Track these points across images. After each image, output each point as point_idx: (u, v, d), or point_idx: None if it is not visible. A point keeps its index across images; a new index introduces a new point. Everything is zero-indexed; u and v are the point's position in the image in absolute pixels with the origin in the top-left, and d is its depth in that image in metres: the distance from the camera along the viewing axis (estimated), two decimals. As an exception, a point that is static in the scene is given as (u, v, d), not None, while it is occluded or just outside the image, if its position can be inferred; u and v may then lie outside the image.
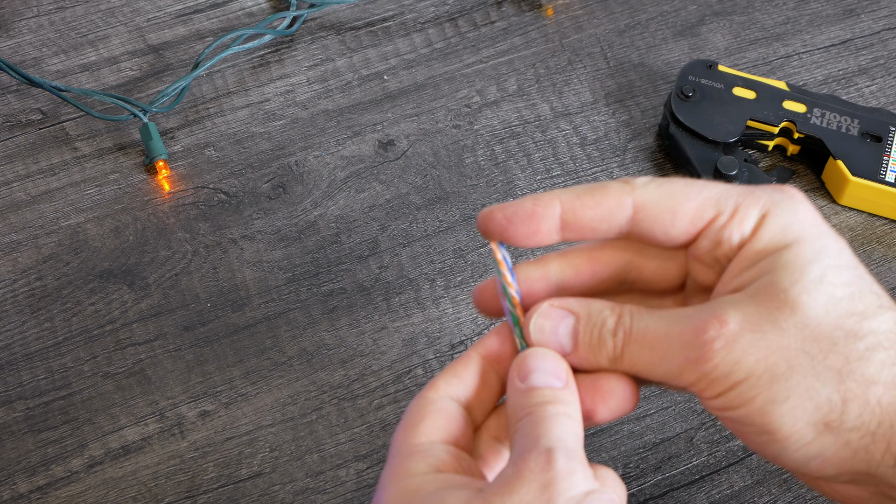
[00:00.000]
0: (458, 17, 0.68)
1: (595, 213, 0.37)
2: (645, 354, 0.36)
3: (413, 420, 0.38)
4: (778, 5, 0.69)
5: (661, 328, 0.36)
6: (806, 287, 0.35)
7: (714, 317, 0.35)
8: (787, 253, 0.36)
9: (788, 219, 0.37)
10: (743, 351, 0.34)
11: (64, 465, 0.53)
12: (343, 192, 0.61)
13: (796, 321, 0.34)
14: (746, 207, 0.37)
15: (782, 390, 0.34)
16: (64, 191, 0.61)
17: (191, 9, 0.68)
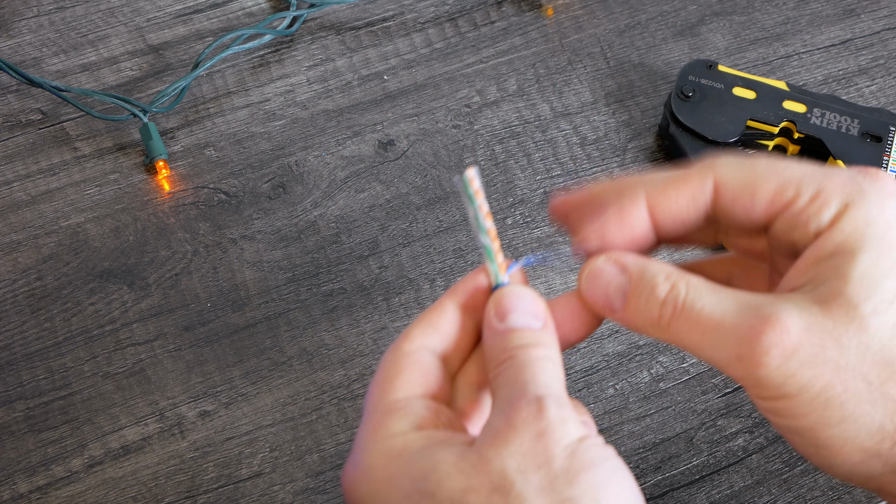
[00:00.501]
0: (458, 17, 0.68)
1: (679, 202, 0.36)
2: (694, 336, 0.34)
3: (389, 374, 0.37)
4: (778, 5, 0.69)
5: (715, 313, 0.34)
6: (877, 307, 0.33)
7: (775, 320, 0.33)
8: (864, 259, 0.33)
9: (871, 215, 0.34)
10: (800, 365, 0.33)
11: (64, 465, 0.53)
12: (343, 192, 0.61)
13: (860, 342, 0.33)
14: (828, 194, 0.34)
15: (836, 414, 0.33)
16: (64, 191, 0.61)
17: (191, 9, 0.68)
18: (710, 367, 0.56)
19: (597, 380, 0.56)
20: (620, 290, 0.36)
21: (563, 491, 0.32)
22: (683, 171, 0.36)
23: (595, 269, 0.37)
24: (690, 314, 0.34)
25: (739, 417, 0.55)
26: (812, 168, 0.35)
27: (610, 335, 0.57)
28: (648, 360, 0.56)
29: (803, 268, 0.35)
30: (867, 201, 0.34)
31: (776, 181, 0.35)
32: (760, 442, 0.54)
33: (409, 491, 0.33)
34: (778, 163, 0.36)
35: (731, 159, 0.36)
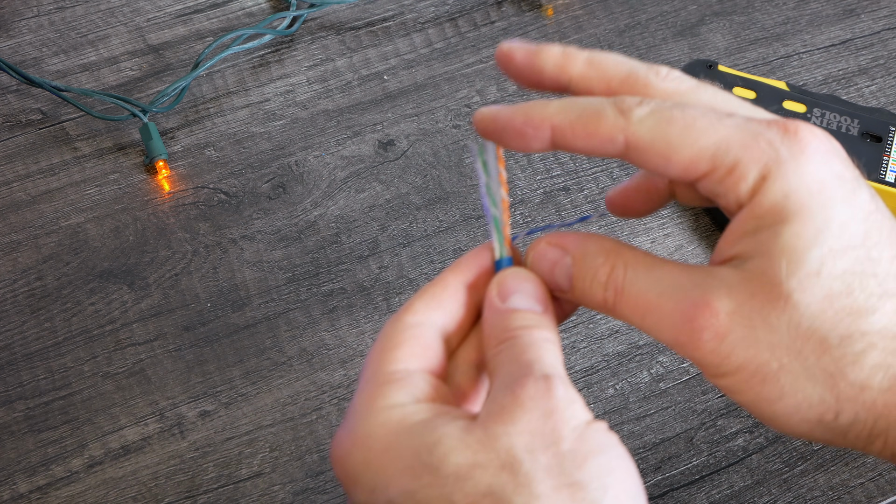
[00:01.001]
0: (458, 17, 0.68)
1: (585, 144, 0.35)
2: (636, 317, 0.35)
3: (390, 344, 0.36)
4: (778, 5, 0.69)
5: (652, 297, 0.34)
6: (801, 282, 0.33)
7: (705, 304, 0.33)
8: (787, 231, 0.33)
9: (791, 183, 0.33)
10: (732, 346, 0.33)
11: (64, 465, 0.53)
12: (343, 192, 0.61)
13: (789, 319, 0.33)
14: (744, 166, 0.33)
15: (774, 390, 0.34)
16: (64, 191, 0.61)
17: (191, 9, 0.68)
18: (710, 367, 0.56)
19: (597, 380, 0.56)
20: (565, 271, 0.36)
21: (571, 473, 0.32)
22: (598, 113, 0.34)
23: (538, 252, 0.37)
24: (630, 297, 0.35)
25: (739, 417, 0.55)
26: (731, 131, 0.34)
27: (610, 335, 0.57)
28: (648, 360, 0.56)
29: (731, 239, 0.34)
30: (785, 170, 0.33)
31: (692, 150, 0.34)
32: (760, 442, 0.54)
33: (410, 463, 0.33)
34: (697, 122, 0.34)
35: (649, 112, 0.34)
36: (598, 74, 0.37)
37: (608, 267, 0.35)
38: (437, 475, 0.32)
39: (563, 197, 0.61)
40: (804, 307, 0.33)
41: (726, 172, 0.34)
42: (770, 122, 0.34)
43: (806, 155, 0.34)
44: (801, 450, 0.54)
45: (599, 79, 0.37)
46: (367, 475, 0.34)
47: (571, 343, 0.57)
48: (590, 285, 0.36)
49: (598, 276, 0.35)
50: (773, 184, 0.33)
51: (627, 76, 0.37)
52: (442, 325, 0.37)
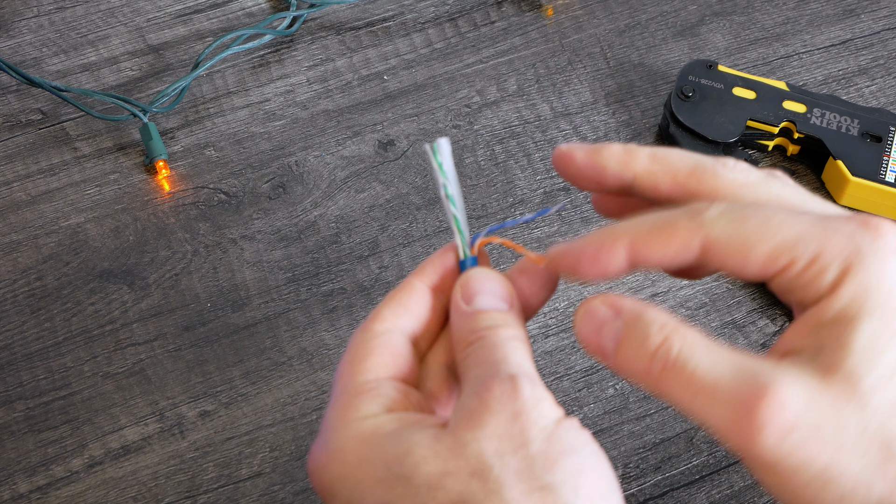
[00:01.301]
0: (458, 17, 0.68)
1: (662, 255, 0.34)
2: (685, 396, 0.32)
3: (359, 355, 0.36)
4: (778, 5, 0.69)
5: (709, 376, 0.32)
6: (876, 382, 0.31)
7: (773, 392, 0.31)
8: (865, 329, 0.32)
9: (872, 280, 0.32)
10: (798, 444, 0.31)
11: (64, 465, 0.53)
12: (343, 192, 0.61)
13: (860, 420, 0.31)
14: (826, 259, 0.32)
15: (833, 496, 0.32)
16: (64, 191, 0.61)
17: (191, 9, 0.68)
18: (710, 367, 0.56)
19: (597, 380, 0.56)
20: (613, 334, 0.34)
21: (542, 476, 0.32)
22: (670, 222, 0.34)
23: (590, 308, 0.35)
24: (682, 372, 0.32)
25: (739, 417, 0.55)
26: (808, 225, 0.33)
27: (610, 335, 0.57)
28: (648, 360, 0.56)
29: (803, 331, 0.33)
30: (867, 265, 0.32)
31: (770, 244, 0.33)
32: (760, 442, 0.54)
33: (382, 475, 0.33)
34: (773, 218, 0.33)
35: (722, 213, 0.33)
36: (664, 169, 0.36)
37: (662, 336, 0.33)
38: (409, 486, 0.32)
39: (564, 197, 0.61)
40: (876, 408, 0.31)
41: (807, 266, 0.32)
42: (848, 217, 0.33)
43: (887, 250, 0.33)
44: (801, 450, 0.54)
45: (665, 173, 0.36)
46: (343, 489, 0.34)
47: (571, 343, 0.57)
48: (636, 352, 0.33)
49: (647, 343, 0.33)
50: (855, 277, 0.32)
51: (694, 169, 0.36)
52: (410, 330, 0.37)
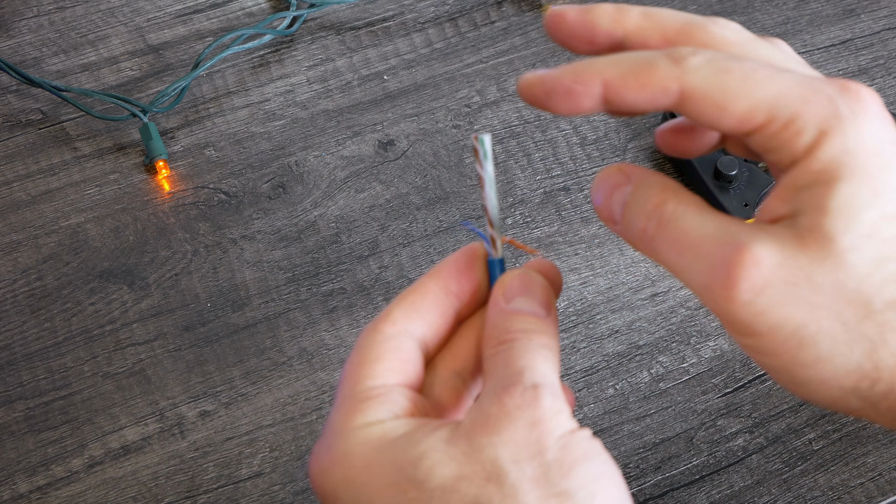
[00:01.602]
0: (458, 17, 0.68)
1: (637, 96, 0.33)
2: (672, 254, 0.33)
3: (368, 358, 0.35)
4: (778, 5, 0.69)
5: (693, 234, 0.33)
6: (854, 241, 0.31)
7: (747, 251, 0.31)
8: (842, 190, 0.31)
9: (849, 143, 0.32)
10: (770, 303, 0.31)
11: (64, 465, 0.53)
12: (343, 192, 0.61)
13: (835, 279, 0.31)
14: (803, 121, 0.32)
15: (810, 355, 0.32)
16: (64, 191, 0.61)
17: (191, 9, 0.68)
18: (710, 366, 0.56)
19: (597, 380, 0.56)
20: (622, 198, 0.35)
21: (558, 483, 0.32)
22: (651, 63, 0.33)
23: (605, 175, 0.35)
24: (671, 231, 0.33)
25: (739, 417, 0.55)
26: (790, 84, 0.32)
27: (610, 335, 0.57)
28: (648, 360, 0.56)
29: (782, 196, 0.33)
30: (845, 128, 0.32)
31: (749, 100, 0.32)
32: (760, 442, 0.54)
33: (394, 478, 0.33)
34: (756, 73, 0.32)
35: (705, 61, 0.33)
36: (654, 25, 0.36)
37: (659, 199, 0.34)
38: (422, 489, 0.32)
39: (563, 197, 0.61)
40: (852, 267, 0.31)
41: (783, 126, 0.32)
42: (830, 79, 0.33)
43: (866, 115, 0.32)
44: (801, 450, 0.54)
45: (655, 29, 0.35)
46: (348, 493, 0.33)
47: (571, 343, 0.57)
48: (638, 212, 0.34)
49: (646, 205, 0.34)
50: (832, 140, 0.32)
51: (684, 26, 0.35)
52: (421, 334, 0.36)
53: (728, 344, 0.57)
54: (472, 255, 0.38)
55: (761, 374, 0.56)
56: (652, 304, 0.58)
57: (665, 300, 0.58)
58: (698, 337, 0.57)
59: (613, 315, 0.58)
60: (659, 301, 0.58)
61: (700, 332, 0.57)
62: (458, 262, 0.37)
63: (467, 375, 0.37)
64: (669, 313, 0.57)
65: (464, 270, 0.37)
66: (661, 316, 0.57)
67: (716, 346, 0.56)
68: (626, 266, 0.59)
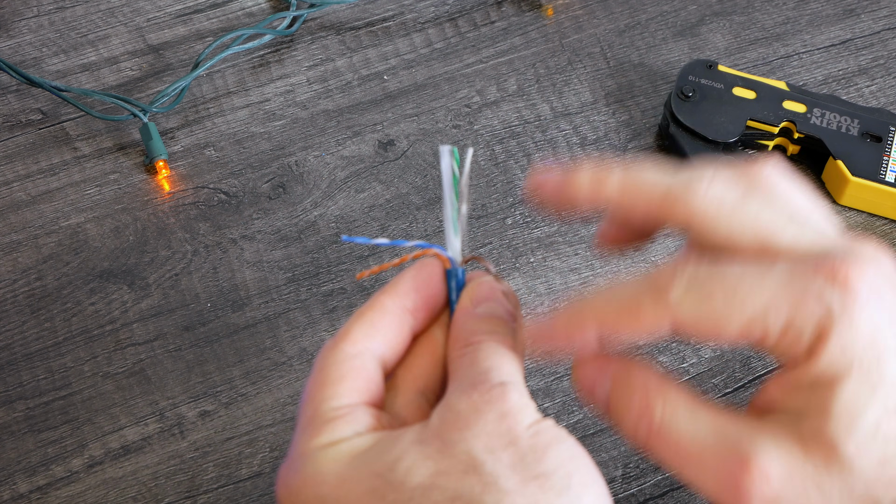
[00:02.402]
0: (458, 17, 0.68)
1: (633, 336, 0.34)
2: (673, 460, 0.33)
3: (329, 378, 0.35)
4: (778, 5, 0.69)
5: (693, 443, 0.33)
6: (859, 445, 0.31)
7: (755, 465, 0.31)
8: (843, 391, 0.32)
9: (846, 341, 0.32)
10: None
11: (64, 465, 0.53)
12: (343, 192, 0.61)
13: (843, 485, 0.31)
14: (798, 328, 0.32)
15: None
16: (64, 191, 0.61)
17: (191, 9, 0.68)
18: (710, 366, 0.56)
19: (597, 380, 0.56)
20: (604, 393, 0.35)
21: (535, 466, 0.32)
22: (636, 302, 0.33)
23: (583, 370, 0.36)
24: (667, 438, 0.33)
25: (739, 417, 0.55)
26: (776, 289, 0.32)
27: (610, 335, 0.57)
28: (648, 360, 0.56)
29: (783, 389, 0.33)
30: (840, 327, 0.32)
31: (739, 320, 0.32)
32: (760, 442, 0.54)
33: (371, 485, 0.32)
34: (739, 288, 0.32)
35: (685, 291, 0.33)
36: (634, 198, 0.36)
37: (644, 402, 0.34)
38: (401, 491, 0.32)
39: (563, 197, 0.61)
40: (859, 472, 0.31)
41: (780, 336, 0.32)
42: (816, 269, 0.32)
43: (858, 305, 0.32)
44: (801, 450, 0.54)
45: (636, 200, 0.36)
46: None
47: (571, 343, 0.57)
48: (623, 415, 0.34)
49: (630, 410, 0.34)
50: (830, 342, 0.32)
51: (666, 196, 0.35)
52: (381, 353, 0.36)
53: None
54: (431, 271, 0.38)
55: (761, 374, 0.56)
56: (652, 304, 0.58)
57: (665, 300, 0.58)
58: (698, 337, 0.57)
59: (613, 315, 0.58)
60: (659, 301, 0.58)
61: (700, 332, 0.57)
62: (415, 279, 0.37)
63: (430, 394, 0.37)
64: (669, 313, 0.57)
65: (421, 287, 0.37)
66: (661, 316, 0.57)
67: (716, 346, 0.56)
68: (626, 266, 0.59)
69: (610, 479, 0.53)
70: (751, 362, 0.56)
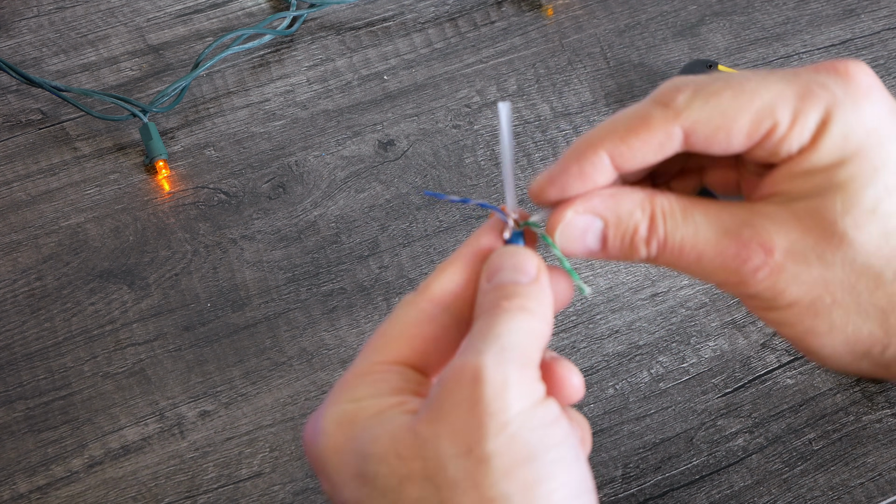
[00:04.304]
0: (458, 17, 0.68)
1: (646, 152, 0.34)
2: (682, 265, 0.34)
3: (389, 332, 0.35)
4: (778, 5, 0.69)
5: (699, 244, 0.34)
6: (857, 220, 0.33)
7: (759, 243, 0.33)
8: (843, 172, 0.33)
9: (851, 123, 0.33)
10: (787, 283, 0.33)
11: (64, 465, 0.53)
12: (343, 192, 0.61)
13: (843, 256, 0.33)
14: (806, 115, 0.33)
15: (824, 324, 0.34)
16: (64, 191, 0.61)
17: (191, 9, 0.68)
18: (710, 366, 0.56)
19: (597, 380, 0.56)
20: (596, 235, 0.35)
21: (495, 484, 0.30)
22: (644, 117, 0.34)
23: (567, 223, 0.35)
24: (675, 249, 0.34)
25: (739, 417, 0.55)
26: (782, 85, 0.33)
27: (610, 335, 0.57)
28: (648, 360, 0.56)
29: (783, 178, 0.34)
30: (844, 111, 0.33)
31: (750, 113, 0.33)
32: (760, 442, 0.54)
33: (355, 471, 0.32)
34: (745, 86, 0.33)
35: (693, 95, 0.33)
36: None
37: (647, 220, 0.34)
38: (374, 487, 0.32)
39: (563, 197, 0.61)
40: (859, 245, 0.33)
41: (790, 125, 0.33)
42: (817, 67, 0.34)
43: (861, 93, 0.33)
44: (801, 450, 0.54)
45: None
46: (325, 470, 0.34)
47: (571, 343, 0.57)
48: (629, 243, 0.35)
49: (638, 234, 0.34)
50: (834, 126, 0.33)
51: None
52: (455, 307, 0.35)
53: (728, 344, 0.57)
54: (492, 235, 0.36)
55: (761, 373, 0.56)
56: (652, 304, 0.58)
57: (665, 300, 0.58)
58: (698, 337, 0.57)
59: (613, 315, 0.58)
60: (659, 301, 0.58)
61: (700, 332, 0.57)
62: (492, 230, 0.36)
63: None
64: (669, 313, 0.57)
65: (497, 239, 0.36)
66: (661, 316, 0.57)
67: (716, 346, 0.56)
68: (626, 266, 0.59)
69: (610, 479, 0.53)
70: (751, 362, 0.56)
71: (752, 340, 0.57)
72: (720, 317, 0.57)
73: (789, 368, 0.56)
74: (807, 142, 0.33)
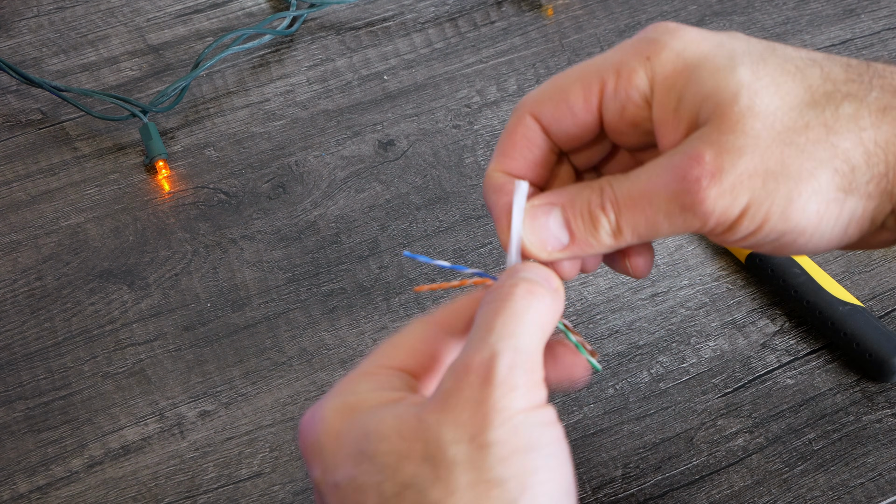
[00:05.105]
0: (458, 17, 0.68)
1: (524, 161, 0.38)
2: (641, 217, 0.35)
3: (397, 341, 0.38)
4: (778, 5, 0.69)
5: (645, 185, 0.35)
6: (750, 92, 0.34)
7: (689, 157, 0.34)
8: (704, 72, 0.35)
9: (676, 47, 0.36)
10: (733, 182, 0.34)
11: (64, 465, 0.53)
12: (343, 192, 0.61)
13: (763, 123, 0.34)
14: (627, 63, 0.36)
15: (792, 189, 0.34)
16: (64, 191, 0.61)
17: (191, 9, 0.68)
18: (710, 366, 0.56)
19: (597, 380, 0.56)
20: (559, 222, 0.36)
21: (492, 468, 0.31)
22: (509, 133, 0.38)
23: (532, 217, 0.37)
24: (628, 201, 0.35)
25: (739, 417, 0.55)
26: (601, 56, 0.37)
27: (610, 335, 0.57)
28: (648, 360, 0.56)
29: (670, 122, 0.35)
30: (661, 44, 0.36)
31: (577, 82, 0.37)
32: (760, 442, 0.54)
33: (353, 450, 0.33)
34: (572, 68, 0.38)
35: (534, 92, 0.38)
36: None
37: (597, 190, 0.36)
38: (372, 463, 0.33)
39: (563, 197, 0.61)
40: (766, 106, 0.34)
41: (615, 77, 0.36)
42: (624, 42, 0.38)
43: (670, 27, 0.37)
44: (801, 450, 0.54)
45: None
46: (319, 456, 0.34)
47: (571, 343, 0.57)
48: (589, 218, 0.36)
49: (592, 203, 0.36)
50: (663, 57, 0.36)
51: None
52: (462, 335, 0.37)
53: (728, 344, 0.57)
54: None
55: (761, 373, 0.56)
56: (652, 304, 0.58)
57: (665, 300, 0.58)
58: (698, 337, 0.57)
59: (613, 315, 0.58)
60: (659, 301, 0.58)
61: (700, 332, 0.57)
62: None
63: None
64: (669, 313, 0.57)
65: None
66: (661, 316, 0.57)
67: (716, 346, 0.56)
68: (626, 266, 0.59)
69: (610, 479, 0.53)
70: (751, 362, 0.56)
71: (752, 340, 0.57)
72: (720, 317, 0.57)
73: (789, 368, 0.56)
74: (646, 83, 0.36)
